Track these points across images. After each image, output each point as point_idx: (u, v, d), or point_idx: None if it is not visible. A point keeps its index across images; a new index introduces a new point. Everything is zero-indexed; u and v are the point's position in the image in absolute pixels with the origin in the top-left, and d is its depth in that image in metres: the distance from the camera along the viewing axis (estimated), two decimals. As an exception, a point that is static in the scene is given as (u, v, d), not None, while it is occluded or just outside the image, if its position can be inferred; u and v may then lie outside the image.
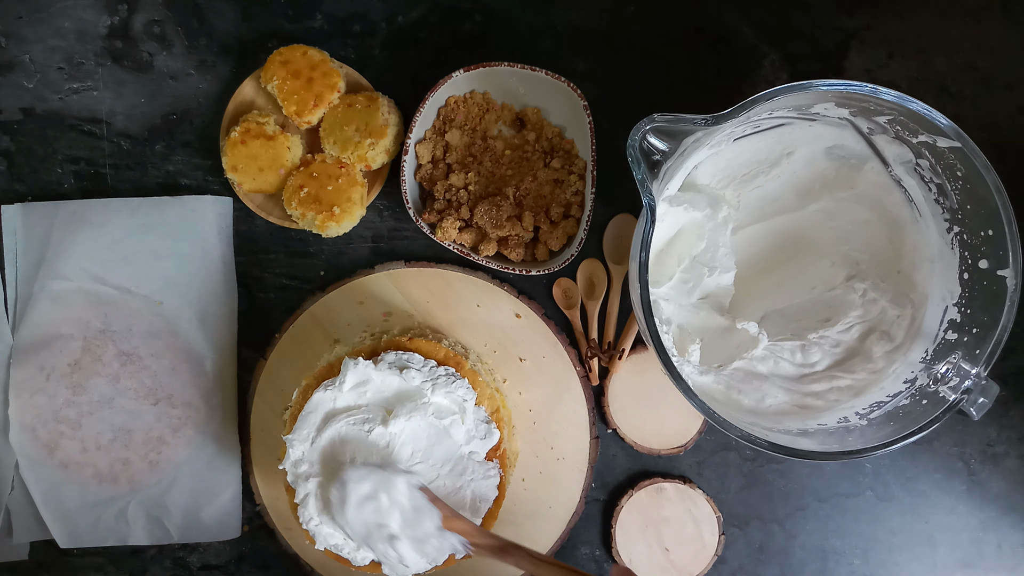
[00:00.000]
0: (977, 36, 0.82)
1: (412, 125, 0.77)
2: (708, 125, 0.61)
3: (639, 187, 0.61)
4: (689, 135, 0.61)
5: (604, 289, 0.81)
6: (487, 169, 0.80)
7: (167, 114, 0.83)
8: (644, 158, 0.61)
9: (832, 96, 0.64)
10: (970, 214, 0.66)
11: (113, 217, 0.80)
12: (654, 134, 0.61)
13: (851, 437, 0.67)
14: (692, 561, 0.81)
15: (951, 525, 0.82)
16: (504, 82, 0.79)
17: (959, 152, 0.63)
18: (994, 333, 0.64)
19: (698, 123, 0.61)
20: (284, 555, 0.82)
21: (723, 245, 0.75)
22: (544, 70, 0.76)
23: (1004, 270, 0.64)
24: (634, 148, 0.60)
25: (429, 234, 0.77)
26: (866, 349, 0.74)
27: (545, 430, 0.81)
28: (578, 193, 0.79)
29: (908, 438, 0.63)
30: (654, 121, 0.60)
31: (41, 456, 0.78)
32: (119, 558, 0.82)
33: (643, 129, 0.60)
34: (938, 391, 0.66)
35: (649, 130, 0.60)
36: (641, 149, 0.60)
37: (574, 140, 0.80)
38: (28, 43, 0.82)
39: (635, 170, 0.61)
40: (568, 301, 0.82)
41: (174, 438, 0.79)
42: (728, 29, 0.82)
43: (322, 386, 0.69)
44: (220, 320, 0.80)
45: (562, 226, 0.79)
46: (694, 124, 0.61)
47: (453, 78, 0.77)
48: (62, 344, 0.79)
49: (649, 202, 0.61)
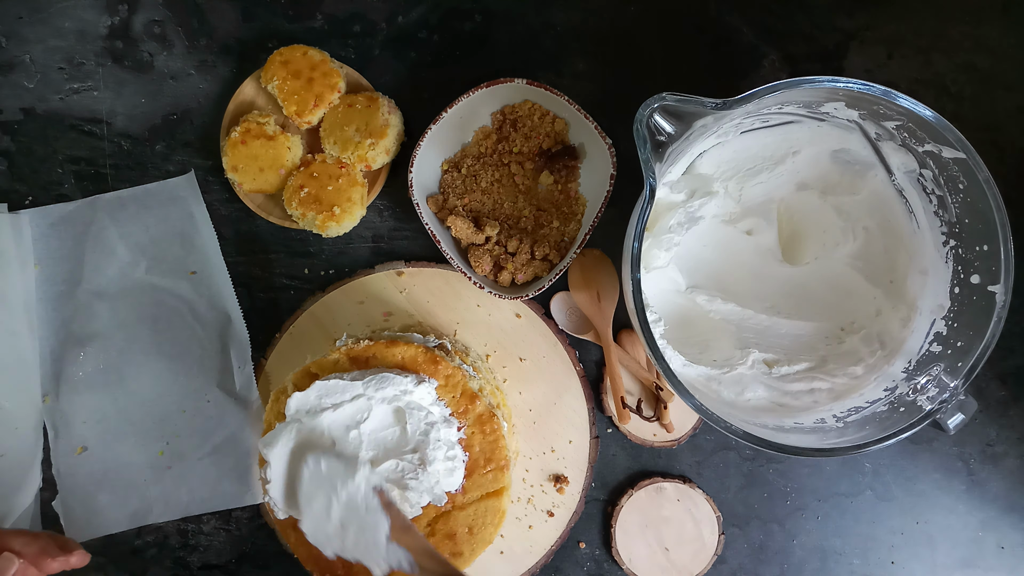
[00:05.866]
0: (977, 36, 0.82)
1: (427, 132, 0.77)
2: (718, 109, 0.60)
3: (643, 166, 0.60)
4: (698, 118, 0.60)
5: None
6: (509, 205, 0.81)
7: (167, 114, 0.83)
8: (650, 137, 0.60)
9: (843, 95, 0.64)
10: (967, 228, 0.66)
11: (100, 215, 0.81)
12: (662, 113, 0.60)
13: (826, 437, 0.67)
14: (692, 561, 0.81)
15: (951, 525, 0.82)
16: (541, 100, 0.80)
17: (963, 164, 0.63)
18: (978, 348, 0.64)
19: (708, 106, 0.60)
20: (284, 555, 0.82)
21: (677, 239, 0.75)
22: (585, 114, 0.76)
23: (995, 286, 0.64)
24: (641, 124, 0.59)
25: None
26: (851, 351, 0.74)
27: (545, 430, 0.81)
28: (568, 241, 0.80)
29: (882, 442, 0.63)
30: (664, 99, 0.59)
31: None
32: (119, 558, 0.82)
33: (652, 106, 0.59)
34: (916, 401, 0.66)
35: (658, 108, 0.59)
36: (648, 127, 0.60)
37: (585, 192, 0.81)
38: (28, 43, 0.82)
39: (640, 148, 0.60)
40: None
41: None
42: (728, 29, 0.82)
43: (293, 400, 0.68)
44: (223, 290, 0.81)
45: (534, 266, 0.79)
46: (704, 106, 0.60)
47: (513, 82, 0.77)
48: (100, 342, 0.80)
49: (651, 183, 0.60)
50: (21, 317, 0.79)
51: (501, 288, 0.79)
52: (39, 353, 0.80)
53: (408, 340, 0.73)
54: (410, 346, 0.71)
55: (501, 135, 0.81)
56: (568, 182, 0.81)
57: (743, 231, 0.78)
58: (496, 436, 0.70)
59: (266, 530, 0.82)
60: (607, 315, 0.80)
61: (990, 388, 0.82)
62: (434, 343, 0.76)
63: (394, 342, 0.71)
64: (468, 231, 0.78)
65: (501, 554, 0.80)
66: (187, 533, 0.82)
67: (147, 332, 0.81)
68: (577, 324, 0.82)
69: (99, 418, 0.80)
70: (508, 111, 0.81)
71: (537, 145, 0.80)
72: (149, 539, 0.82)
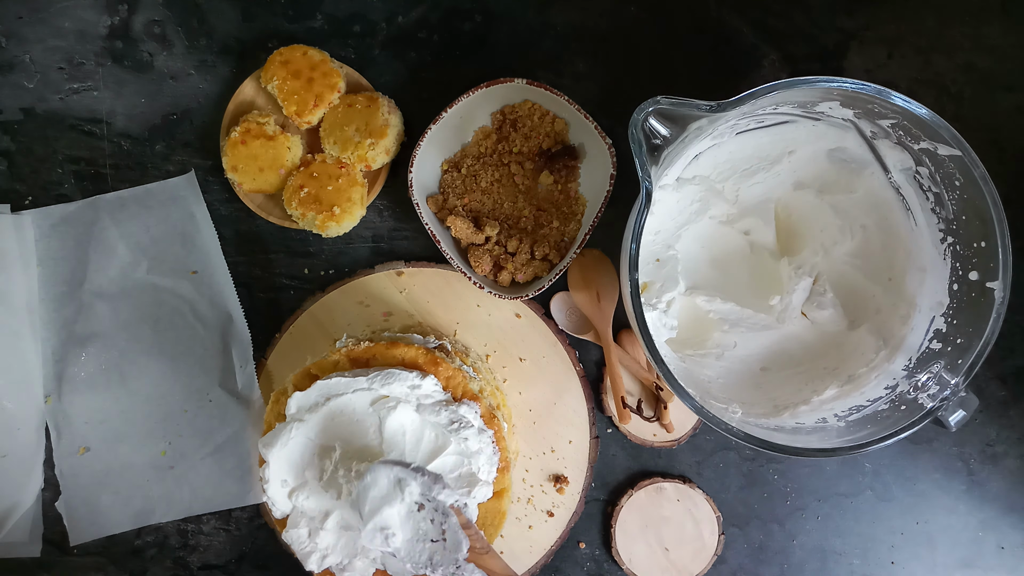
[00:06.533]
0: (977, 36, 0.82)
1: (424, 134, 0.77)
2: (712, 112, 0.60)
3: (639, 170, 0.60)
4: (693, 121, 0.61)
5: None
6: (509, 205, 0.81)
7: (167, 114, 0.83)
8: (645, 140, 0.60)
9: (838, 95, 0.64)
10: (965, 225, 0.66)
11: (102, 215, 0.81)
12: (657, 116, 0.60)
13: (827, 437, 0.67)
14: (692, 561, 0.81)
15: (951, 525, 0.82)
16: (540, 100, 0.80)
17: (959, 161, 0.63)
18: (977, 344, 0.64)
19: (702, 108, 0.60)
20: (284, 555, 0.82)
21: (678, 238, 0.75)
22: (585, 114, 0.76)
23: (993, 282, 0.64)
24: (636, 128, 0.60)
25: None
26: (851, 350, 0.74)
27: (545, 430, 0.81)
28: (568, 241, 0.80)
29: (884, 440, 0.63)
30: (659, 103, 0.59)
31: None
32: (119, 558, 0.82)
33: (647, 110, 0.59)
34: (917, 398, 0.66)
35: (652, 111, 0.60)
36: (643, 131, 0.60)
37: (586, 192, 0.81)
38: (28, 43, 0.82)
39: (635, 152, 0.60)
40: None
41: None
42: (728, 29, 0.82)
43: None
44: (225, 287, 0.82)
45: (533, 266, 0.79)
46: (698, 109, 0.60)
47: (514, 82, 0.77)
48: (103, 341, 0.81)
49: (647, 186, 0.60)
50: (23, 318, 0.79)
51: (501, 288, 0.79)
52: (41, 354, 0.80)
53: (408, 342, 0.73)
54: (411, 347, 0.71)
55: (501, 135, 0.81)
56: (568, 182, 0.81)
57: (741, 231, 0.78)
58: (497, 438, 0.70)
59: (266, 530, 0.82)
60: (607, 315, 0.80)
61: (990, 388, 0.82)
62: (434, 344, 0.76)
63: (395, 343, 0.71)
64: (468, 231, 0.78)
65: (501, 554, 0.80)
66: (187, 533, 0.82)
67: (149, 332, 0.81)
68: (577, 324, 0.82)
69: (101, 418, 0.80)
70: (508, 111, 0.81)
71: (537, 145, 0.80)
72: (149, 539, 0.82)
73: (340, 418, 0.67)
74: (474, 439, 0.67)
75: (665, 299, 0.74)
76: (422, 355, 0.71)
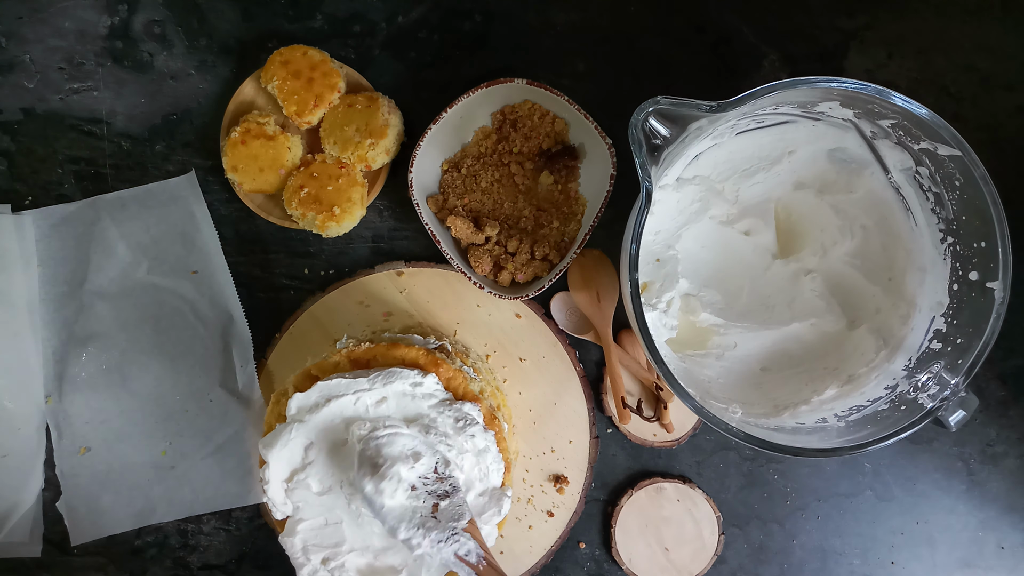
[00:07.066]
0: (977, 36, 0.82)
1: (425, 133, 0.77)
2: (712, 112, 0.60)
3: (639, 170, 0.60)
4: (692, 121, 0.61)
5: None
6: (509, 205, 0.81)
7: (167, 114, 0.83)
8: (645, 140, 0.60)
9: (838, 95, 0.64)
10: (965, 225, 0.66)
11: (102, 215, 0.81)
12: (657, 117, 0.60)
13: (827, 437, 0.67)
14: (692, 561, 0.81)
15: (951, 525, 0.82)
16: (542, 101, 0.80)
17: (959, 161, 0.63)
18: (977, 344, 0.64)
19: (702, 108, 0.60)
20: (284, 555, 0.82)
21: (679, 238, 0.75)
22: (585, 114, 0.76)
23: (993, 282, 0.64)
24: (636, 128, 0.60)
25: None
26: (851, 349, 0.74)
27: (545, 430, 0.81)
28: (568, 241, 0.80)
29: (884, 440, 0.63)
30: (658, 103, 0.59)
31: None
32: (119, 558, 0.82)
33: (647, 110, 0.59)
34: (917, 398, 0.66)
35: (652, 112, 0.60)
36: (643, 131, 0.60)
37: (585, 190, 0.81)
38: (28, 43, 0.82)
39: (635, 152, 0.60)
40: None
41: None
42: (728, 29, 0.82)
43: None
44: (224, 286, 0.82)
45: (533, 266, 0.79)
46: (698, 109, 0.60)
47: (515, 82, 0.77)
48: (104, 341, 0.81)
49: (647, 186, 0.60)
50: (24, 318, 0.79)
51: (501, 288, 0.79)
52: (41, 353, 0.80)
53: (409, 343, 0.73)
54: (411, 348, 0.71)
55: (501, 135, 0.81)
56: (568, 182, 0.81)
57: (741, 231, 0.78)
58: (497, 439, 0.70)
59: (266, 530, 0.82)
60: (607, 315, 0.80)
61: (990, 388, 0.82)
62: (434, 345, 0.76)
63: (395, 344, 0.71)
64: (468, 231, 0.78)
65: (501, 554, 0.80)
66: (187, 533, 0.82)
67: (149, 332, 0.81)
68: (577, 324, 0.82)
69: (102, 418, 0.80)
70: (508, 111, 0.81)
71: (537, 145, 0.80)
72: (149, 539, 0.82)
73: (340, 420, 0.68)
74: (480, 436, 0.67)
75: (665, 299, 0.74)
76: (423, 356, 0.71)
